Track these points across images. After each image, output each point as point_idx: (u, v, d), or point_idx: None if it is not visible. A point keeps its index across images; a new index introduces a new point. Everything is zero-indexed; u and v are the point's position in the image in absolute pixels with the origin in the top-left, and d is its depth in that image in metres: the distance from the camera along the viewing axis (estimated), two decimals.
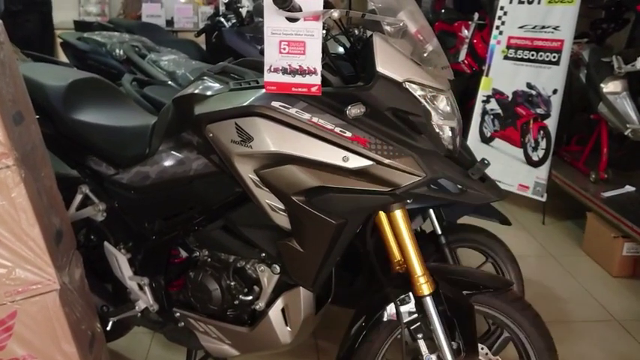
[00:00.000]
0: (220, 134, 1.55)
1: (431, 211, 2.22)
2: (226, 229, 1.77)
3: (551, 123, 3.69)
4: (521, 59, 3.88)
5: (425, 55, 1.47)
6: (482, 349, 1.71)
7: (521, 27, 3.88)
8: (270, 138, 1.48)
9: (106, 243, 2.00)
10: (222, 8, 4.15)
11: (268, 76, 1.43)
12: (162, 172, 1.80)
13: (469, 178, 1.48)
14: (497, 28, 4.03)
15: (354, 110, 1.41)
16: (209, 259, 1.88)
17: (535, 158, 3.78)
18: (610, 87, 3.22)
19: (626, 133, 3.19)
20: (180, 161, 1.76)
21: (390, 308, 1.66)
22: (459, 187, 1.49)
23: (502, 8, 4.00)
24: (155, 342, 2.53)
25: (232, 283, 1.82)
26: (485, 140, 4.11)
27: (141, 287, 1.98)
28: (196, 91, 1.64)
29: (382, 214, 1.66)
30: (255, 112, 1.49)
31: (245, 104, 1.50)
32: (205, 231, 1.81)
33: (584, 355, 2.49)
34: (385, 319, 1.67)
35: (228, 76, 1.69)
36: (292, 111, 1.46)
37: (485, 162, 1.54)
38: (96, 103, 2.03)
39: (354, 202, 1.48)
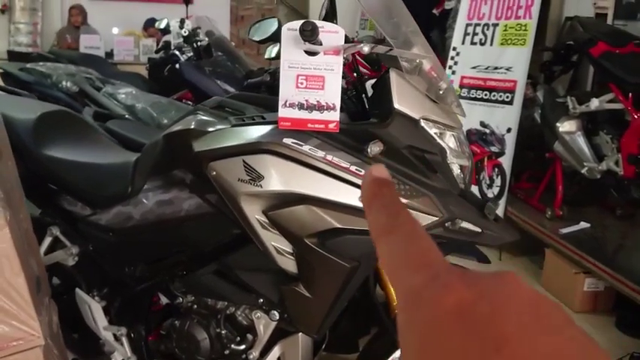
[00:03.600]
0: (226, 172, 1.45)
1: None
2: (219, 273, 1.66)
3: (506, 161, 3.77)
4: (475, 98, 3.97)
5: (440, 92, 1.44)
6: None
7: (474, 67, 3.98)
8: (282, 176, 1.40)
9: (77, 290, 1.84)
10: (174, 42, 4.03)
11: (283, 112, 1.35)
12: (147, 212, 1.67)
13: (486, 219, 1.45)
14: (450, 67, 4.12)
15: (375, 148, 1.36)
16: (195, 306, 1.75)
17: (490, 195, 3.83)
18: (566, 127, 3.33)
19: (582, 171, 3.30)
20: (169, 201, 1.64)
21: (397, 354, 1.59)
22: (476, 227, 1.45)
23: (455, 49, 4.10)
24: None
25: (223, 332, 1.70)
26: None
27: (117, 338, 1.82)
28: (193, 127, 1.55)
29: None
30: (266, 149, 1.40)
31: (254, 141, 1.42)
32: (195, 276, 1.69)
33: None
34: None
35: (224, 111, 1.60)
36: (305, 148, 1.39)
37: (496, 202, 1.51)
38: (68, 138, 1.89)
39: (369, 243, 1.40)
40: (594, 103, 3.20)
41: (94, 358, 1.88)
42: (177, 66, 3.74)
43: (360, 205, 1.38)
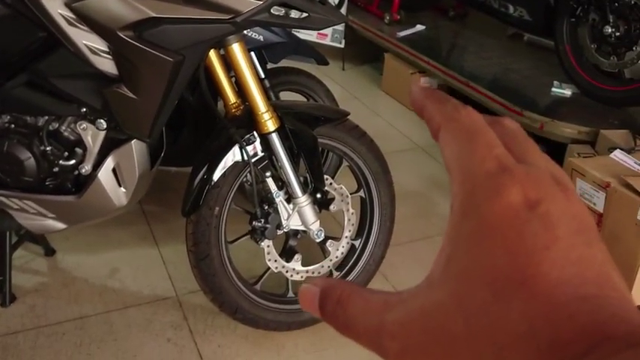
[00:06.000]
0: None
1: (252, 54, 2.12)
2: (32, 84, 1.51)
3: None
4: None
5: None
6: (326, 179, 1.73)
7: None
8: None
9: None
10: None
11: None
12: None
13: (312, 2, 1.40)
14: None
15: None
16: (12, 126, 1.60)
17: None
18: None
19: None
20: None
21: (235, 150, 1.59)
22: (303, 11, 1.40)
23: None
24: None
25: (48, 149, 1.58)
26: None
27: None
28: None
29: (213, 55, 1.53)
30: None
31: None
32: (5, 90, 1.52)
33: (398, 180, 2.68)
34: (231, 162, 1.60)
35: None
36: None
37: None
38: None
39: (192, 33, 1.33)
40: None
41: None
42: None
43: None
